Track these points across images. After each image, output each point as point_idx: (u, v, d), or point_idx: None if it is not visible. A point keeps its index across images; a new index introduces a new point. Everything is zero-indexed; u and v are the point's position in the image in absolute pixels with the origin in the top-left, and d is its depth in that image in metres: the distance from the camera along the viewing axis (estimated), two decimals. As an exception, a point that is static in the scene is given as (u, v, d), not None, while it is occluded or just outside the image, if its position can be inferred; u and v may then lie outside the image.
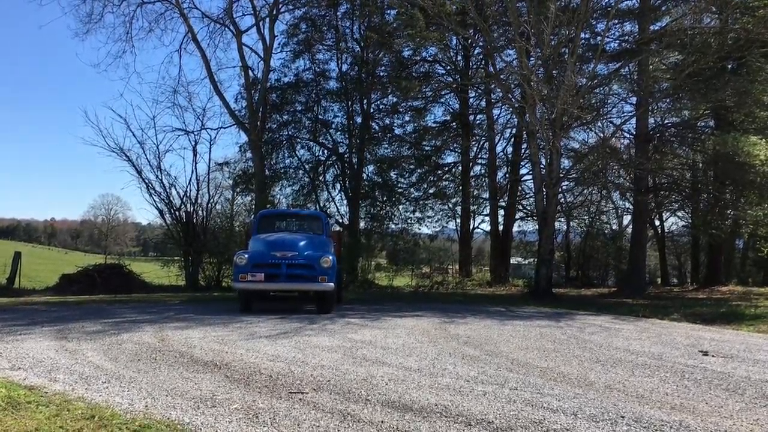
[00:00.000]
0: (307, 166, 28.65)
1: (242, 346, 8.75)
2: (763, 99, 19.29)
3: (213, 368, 7.15)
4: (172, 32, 39.78)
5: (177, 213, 24.76)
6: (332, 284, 13.48)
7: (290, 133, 28.28)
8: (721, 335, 11.51)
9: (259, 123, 25.70)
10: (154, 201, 24.72)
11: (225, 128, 27.44)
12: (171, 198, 24.68)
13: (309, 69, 28.28)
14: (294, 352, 8.33)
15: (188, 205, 24.77)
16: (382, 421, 5.15)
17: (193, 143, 25.77)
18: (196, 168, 26.02)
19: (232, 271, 13.93)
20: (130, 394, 5.87)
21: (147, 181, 24.53)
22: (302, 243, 13.85)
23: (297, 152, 28.59)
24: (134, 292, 20.29)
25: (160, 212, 25.04)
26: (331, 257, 13.58)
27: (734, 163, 19.29)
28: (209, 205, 25.61)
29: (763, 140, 18.63)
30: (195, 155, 25.52)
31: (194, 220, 24.76)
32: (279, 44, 27.63)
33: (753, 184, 20.06)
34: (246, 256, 13.41)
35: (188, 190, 24.94)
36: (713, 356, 8.84)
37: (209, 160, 27.64)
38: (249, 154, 27.21)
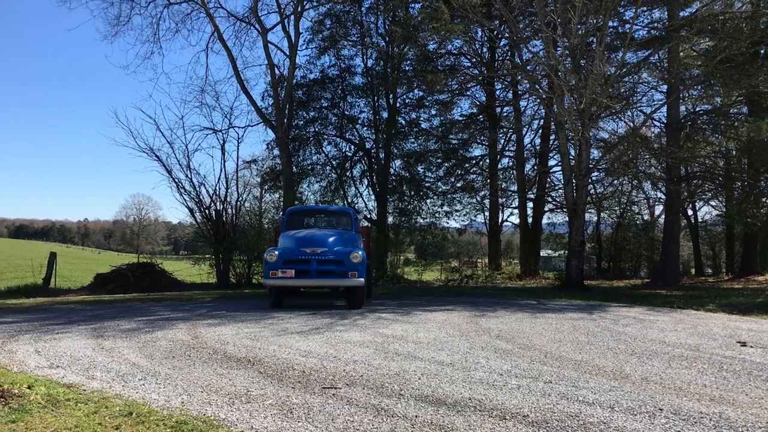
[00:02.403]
0: (334, 162, 28.74)
1: (274, 342, 8.80)
2: (798, 84, 18.87)
3: (246, 364, 7.21)
4: (199, 32, 40.47)
5: (207, 211, 24.95)
6: (362, 279, 13.41)
7: (317, 129, 28.39)
8: (759, 325, 11.29)
9: (285, 120, 25.80)
10: (184, 200, 24.95)
11: (252, 126, 27.65)
12: (201, 197, 24.89)
13: (334, 65, 28.38)
14: (326, 347, 8.36)
15: (218, 204, 24.96)
16: (416, 416, 5.14)
17: (222, 142, 26.01)
18: (224, 166, 26.36)
19: (262, 268, 13.84)
20: (166, 391, 5.94)
21: (177, 180, 24.75)
22: (332, 239, 13.77)
23: (324, 148, 28.71)
24: (166, 291, 20.52)
25: (191, 211, 25.27)
26: (360, 253, 13.52)
27: (769, 149, 18.91)
28: (238, 203, 25.78)
29: (799, 126, 18.20)
30: (223, 154, 25.71)
31: (224, 218, 24.94)
32: (304, 41, 27.76)
33: (789, 171, 19.65)
34: (276, 252, 13.38)
35: (217, 188, 25.14)
36: (752, 347, 8.68)
37: (237, 158, 27.94)
38: (276, 152, 27.36)
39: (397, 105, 28.16)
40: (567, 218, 22.69)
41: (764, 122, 18.45)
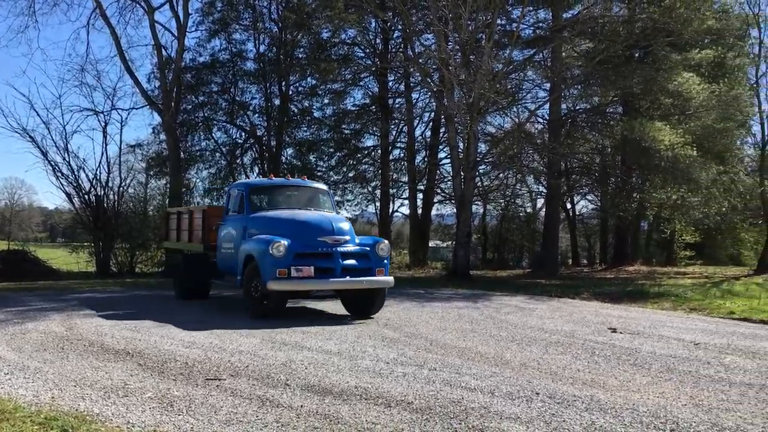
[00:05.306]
0: (224, 149, 28.05)
1: (156, 332, 8.50)
2: (668, 86, 20.10)
3: (125, 356, 6.92)
4: (79, 7, 38.10)
5: (86, 197, 23.78)
6: (392, 279, 10.77)
7: (206, 114, 27.56)
8: (628, 313, 12.04)
9: (173, 104, 24.88)
10: (62, 184, 23.66)
11: (137, 109, 26.41)
12: (80, 181, 23.69)
13: (225, 49, 27.58)
14: (211, 338, 8.16)
15: (98, 189, 23.83)
16: (301, 406, 5.10)
17: (103, 124, 24.77)
18: (106, 150, 24.97)
19: (260, 266, 9.98)
20: (35, 386, 5.60)
21: (53, 163, 23.44)
22: (344, 224, 10.78)
23: (213, 134, 27.93)
24: (40, 280, 19.36)
25: (68, 196, 24.01)
26: (387, 243, 11.00)
27: (640, 148, 20.06)
28: (121, 188, 24.73)
29: (668, 126, 19.46)
30: (105, 137, 24.56)
31: (105, 204, 23.86)
32: (193, 23, 26.77)
33: (657, 168, 20.96)
34: (284, 243, 9.80)
35: (98, 173, 23.97)
36: (621, 333, 9.24)
37: (120, 141, 26.52)
38: (163, 136, 26.36)
39: (290, 93, 27.79)
40: (455, 210, 23.27)
41: (636, 122, 19.61)
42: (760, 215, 26.18)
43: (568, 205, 32.22)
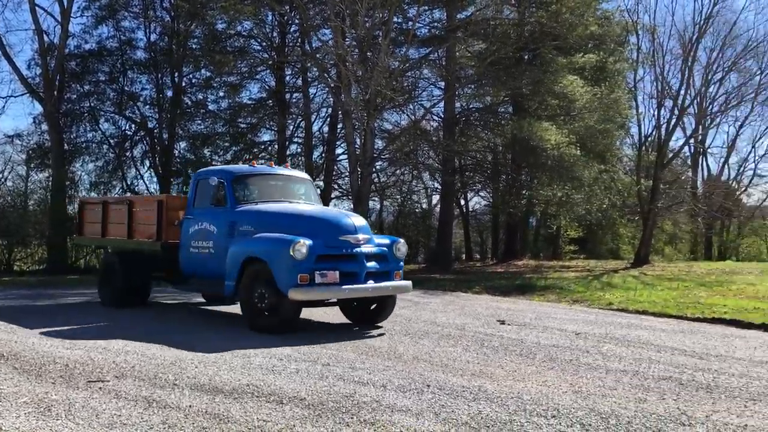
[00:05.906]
0: (111, 141, 26.89)
1: (35, 334, 8.06)
2: (554, 88, 20.97)
3: (-1, 360, 6.52)
4: (-51, -14, 35.33)
5: (-41, 190, 22.28)
6: (410, 283, 9.87)
7: (92, 104, 26.30)
8: (516, 305, 12.54)
9: (55, 92, 23.62)
10: (-70, 176, 22.03)
11: (15, 97, 24.99)
12: (-49, 173, 22.16)
13: (113, 37, 26.40)
14: (95, 337, 7.82)
15: (-29, 182, 22.36)
16: (189, 406, 4.99)
17: (-23, 113, 23.21)
18: (-20, 140, 23.46)
19: (274, 270, 8.38)
20: None
21: None
22: (363, 222, 9.51)
23: (100, 125, 26.72)
24: None
25: (-63, 189, 22.38)
26: (404, 242, 9.79)
27: (529, 146, 20.84)
28: (-3, 181, 23.31)
29: (554, 126, 20.34)
30: (-21, 126, 22.98)
31: (-21, 198, 22.42)
32: (79, 8, 25.44)
33: (545, 167, 21.85)
34: (307, 243, 8.31)
35: (-28, 164, 22.50)
36: (509, 325, 9.60)
37: (-4, 131, 25.03)
38: (45, 126, 24.98)
39: (183, 84, 26.99)
40: (352, 205, 23.36)
41: (525, 121, 20.39)
42: (636, 212, 27.88)
43: (462, 202, 33.09)
